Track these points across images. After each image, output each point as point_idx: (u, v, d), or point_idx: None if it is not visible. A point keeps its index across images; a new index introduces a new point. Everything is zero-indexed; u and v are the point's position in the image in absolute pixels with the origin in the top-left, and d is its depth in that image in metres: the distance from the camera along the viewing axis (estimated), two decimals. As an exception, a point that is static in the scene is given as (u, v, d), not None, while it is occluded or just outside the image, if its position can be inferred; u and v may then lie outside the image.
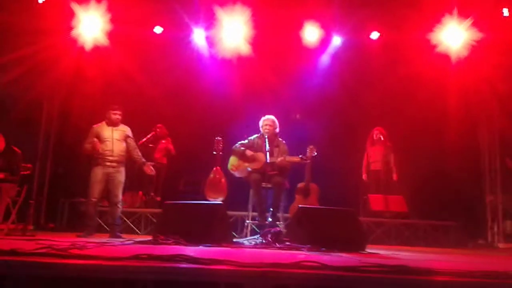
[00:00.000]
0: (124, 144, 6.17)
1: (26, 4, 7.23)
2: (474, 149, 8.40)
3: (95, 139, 6.00)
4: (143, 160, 6.28)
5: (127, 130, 6.27)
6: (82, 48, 7.83)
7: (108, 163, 6.02)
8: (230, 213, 6.65)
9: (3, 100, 7.32)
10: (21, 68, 7.07)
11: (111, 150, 6.04)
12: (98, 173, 5.99)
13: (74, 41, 7.78)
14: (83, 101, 7.75)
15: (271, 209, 6.15)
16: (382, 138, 7.98)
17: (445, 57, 7.84)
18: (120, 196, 6.10)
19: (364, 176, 8.14)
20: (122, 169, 6.15)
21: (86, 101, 7.68)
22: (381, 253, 4.82)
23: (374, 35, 8.29)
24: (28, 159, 6.88)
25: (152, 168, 6.32)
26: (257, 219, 6.12)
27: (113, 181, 6.03)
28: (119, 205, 6.08)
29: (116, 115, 6.17)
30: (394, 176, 7.93)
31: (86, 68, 7.84)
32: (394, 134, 8.16)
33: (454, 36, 7.82)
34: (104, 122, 6.19)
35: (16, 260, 2.67)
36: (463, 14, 7.61)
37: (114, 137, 6.10)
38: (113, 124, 6.17)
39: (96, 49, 7.94)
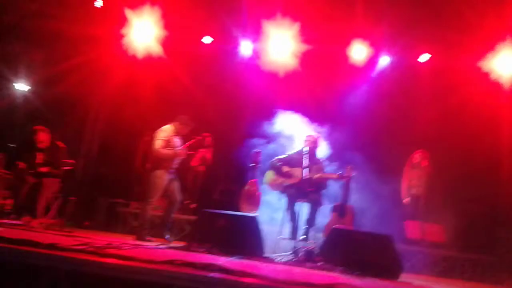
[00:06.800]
0: None
1: (84, 10, 7.49)
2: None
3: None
4: None
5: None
6: (134, 56, 8.03)
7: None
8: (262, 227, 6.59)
9: (57, 102, 7.57)
10: (77, 74, 7.31)
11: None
12: (164, 177, 6.02)
13: (126, 49, 7.99)
14: (134, 107, 7.87)
15: (305, 226, 6.06)
16: (425, 163, 7.75)
17: (498, 85, 7.55)
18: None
19: (405, 200, 7.87)
20: None
21: (137, 107, 7.79)
22: (415, 283, 4.66)
23: (423, 57, 8.13)
24: (72, 157, 7.04)
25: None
26: (289, 235, 6.03)
27: (174, 183, 6.14)
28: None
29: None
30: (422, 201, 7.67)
31: (137, 74, 8.02)
32: (437, 160, 7.88)
33: (507, 64, 7.54)
34: (171, 128, 6.19)
35: (54, 254, 2.74)
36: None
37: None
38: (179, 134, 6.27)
39: (148, 56, 8.14)
